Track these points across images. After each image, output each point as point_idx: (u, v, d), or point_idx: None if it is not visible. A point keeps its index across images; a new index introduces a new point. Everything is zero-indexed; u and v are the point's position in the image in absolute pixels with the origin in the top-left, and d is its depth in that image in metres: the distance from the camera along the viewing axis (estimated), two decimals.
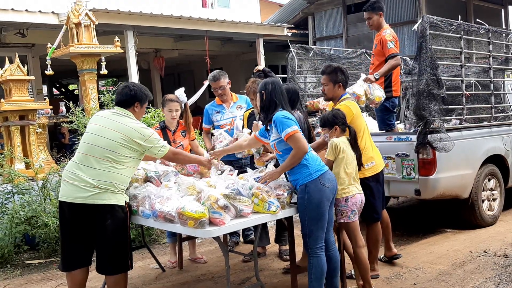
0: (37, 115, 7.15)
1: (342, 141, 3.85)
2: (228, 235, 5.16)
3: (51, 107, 7.72)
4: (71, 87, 21.14)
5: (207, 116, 5.35)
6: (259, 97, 3.68)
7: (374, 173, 4.19)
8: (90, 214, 3.40)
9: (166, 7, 11.90)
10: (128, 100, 3.62)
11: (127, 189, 3.78)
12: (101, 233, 3.43)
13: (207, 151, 4.86)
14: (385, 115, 5.68)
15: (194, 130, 5.20)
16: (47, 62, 6.84)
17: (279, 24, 13.41)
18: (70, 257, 3.53)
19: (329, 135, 3.98)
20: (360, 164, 3.89)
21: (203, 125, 5.43)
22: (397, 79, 5.52)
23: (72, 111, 6.42)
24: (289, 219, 3.74)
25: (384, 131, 5.69)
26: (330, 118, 3.95)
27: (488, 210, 5.87)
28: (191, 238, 4.99)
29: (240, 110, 5.26)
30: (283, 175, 3.70)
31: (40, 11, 9.30)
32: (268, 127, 3.66)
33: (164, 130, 4.87)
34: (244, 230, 5.53)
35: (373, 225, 4.32)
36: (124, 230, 3.51)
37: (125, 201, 3.54)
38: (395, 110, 5.74)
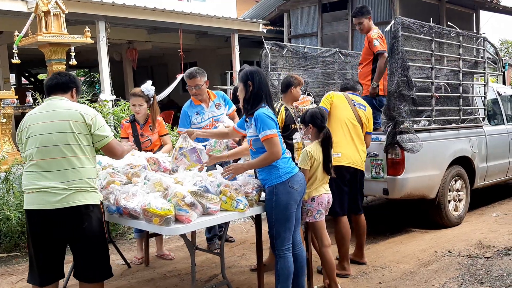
0: (2, 105, 6.93)
1: (314, 149, 3.84)
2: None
3: (17, 97, 7.49)
4: (40, 76, 20.63)
5: (187, 118, 4.86)
6: (244, 87, 3.48)
7: (335, 164, 4.14)
8: (63, 219, 3.02)
9: None
10: (67, 83, 3.26)
11: None
12: (78, 237, 3.09)
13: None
14: (373, 113, 5.65)
15: (166, 125, 5.09)
16: (13, 51, 6.59)
17: (254, 20, 13.35)
18: (44, 271, 3.14)
19: (304, 132, 3.97)
20: (327, 166, 3.86)
21: (179, 128, 4.96)
22: (384, 77, 5.55)
23: (39, 101, 6.25)
24: (257, 217, 3.72)
25: None
26: (307, 117, 3.93)
27: (454, 210, 5.98)
28: (158, 234, 4.92)
29: (219, 109, 4.96)
30: (251, 171, 3.67)
31: None
32: (248, 120, 3.53)
33: (133, 123, 4.82)
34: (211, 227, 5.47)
35: (336, 220, 4.41)
36: (101, 232, 3.19)
37: (100, 200, 3.21)
38: (381, 109, 5.73)
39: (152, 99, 4.83)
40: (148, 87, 4.77)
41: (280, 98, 4.75)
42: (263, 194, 3.58)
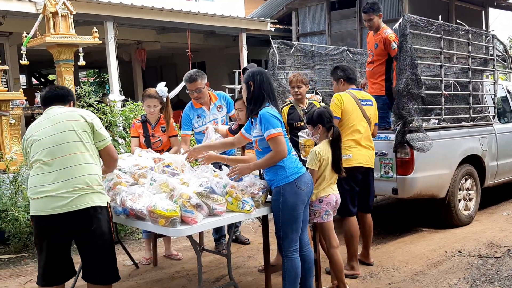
0: (11, 106, 6.97)
1: (323, 148, 3.79)
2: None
3: (26, 97, 7.53)
4: (50, 77, 20.74)
5: (188, 121, 4.85)
6: (246, 88, 3.47)
7: (347, 166, 4.08)
8: (72, 223, 3.00)
9: None
10: (66, 95, 3.38)
11: None
12: (87, 240, 3.08)
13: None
14: (385, 112, 5.58)
15: (175, 125, 5.05)
16: (22, 51, 6.64)
17: (262, 19, 13.32)
18: (51, 274, 3.13)
19: (312, 133, 3.92)
20: (338, 165, 3.82)
21: (182, 131, 4.92)
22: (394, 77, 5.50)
23: None
24: (264, 218, 3.70)
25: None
26: (315, 117, 3.87)
27: (464, 209, 5.91)
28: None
29: (221, 111, 4.93)
30: (256, 171, 3.64)
31: None
32: (253, 120, 3.49)
33: (144, 123, 4.83)
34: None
35: (344, 220, 4.36)
36: (110, 234, 3.17)
37: (107, 202, 3.20)
38: None
39: (165, 100, 4.81)
40: (162, 88, 4.74)
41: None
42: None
